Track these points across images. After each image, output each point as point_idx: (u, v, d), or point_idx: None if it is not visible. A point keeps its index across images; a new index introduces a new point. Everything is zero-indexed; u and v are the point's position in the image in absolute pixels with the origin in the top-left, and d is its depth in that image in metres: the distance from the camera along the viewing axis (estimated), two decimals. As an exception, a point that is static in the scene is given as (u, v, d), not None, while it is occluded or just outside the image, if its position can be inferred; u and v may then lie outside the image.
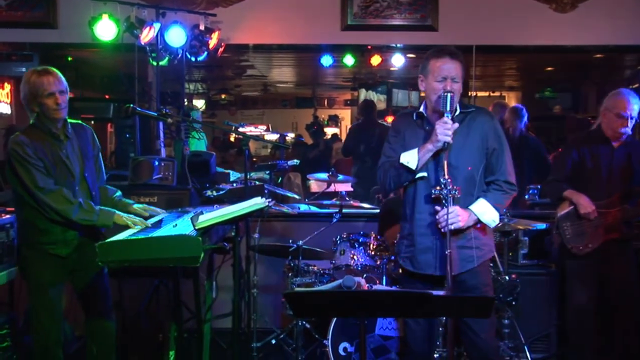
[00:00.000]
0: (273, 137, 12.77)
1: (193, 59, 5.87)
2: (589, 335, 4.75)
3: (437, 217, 3.49)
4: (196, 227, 3.52)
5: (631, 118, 4.60)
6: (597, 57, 8.29)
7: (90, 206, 3.90)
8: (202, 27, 5.75)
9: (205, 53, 5.84)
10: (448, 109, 3.44)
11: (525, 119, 6.61)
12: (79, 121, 4.21)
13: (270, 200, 4.27)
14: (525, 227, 4.99)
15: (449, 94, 3.44)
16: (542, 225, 5.07)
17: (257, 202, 3.70)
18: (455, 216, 3.45)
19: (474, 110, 3.67)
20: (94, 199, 4.07)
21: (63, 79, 4.00)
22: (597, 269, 4.71)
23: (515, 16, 6.15)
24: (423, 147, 3.52)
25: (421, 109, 3.68)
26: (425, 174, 3.58)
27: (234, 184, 5.48)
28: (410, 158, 3.54)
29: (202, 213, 3.80)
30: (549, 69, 10.49)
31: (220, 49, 5.97)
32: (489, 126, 3.66)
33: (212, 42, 5.79)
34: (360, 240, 4.88)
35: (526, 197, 6.01)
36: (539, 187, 5.78)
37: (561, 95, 11.83)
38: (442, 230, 3.46)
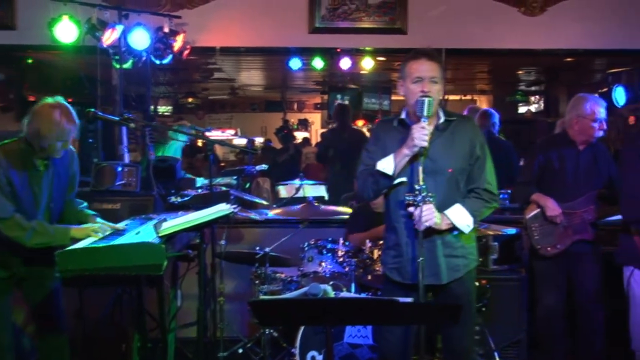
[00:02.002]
0: (242, 141, 12.73)
1: (158, 61, 5.84)
2: (558, 337, 4.83)
3: (412, 214, 3.49)
4: (159, 234, 3.50)
5: (605, 120, 4.74)
6: (568, 60, 8.41)
7: (44, 228, 3.82)
8: (166, 30, 5.73)
9: (170, 56, 5.82)
10: (425, 113, 3.43)
11: (496, 122, 6.68)
12: None
13: (235, 206, 4.25)
14: (495, 232, 5.03)
15: (426, 98, 3.43)
16: (512, 230, 5.12)
17: (221, 209, 3.69)
18: (430, 213, 3.44)
19: (457, 118, 3.68)
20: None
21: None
22: (565, 270, 4.81)
23: (485, 19, 6.22)
24: (399, 152, 3.51)
25: (402, 116, 3.67)
26: (404, 179, 3.57)
27: (199, 190, 5.46)
28: (386, 164, 3.53)
29: (165, 220, 3.77)
30: (520, 72, 10.63)
31: (186, 52, 5.95)
32: (475, 135, 3.67)
33: (177, 45, 5.77)
34: (328, 247, 4.87)
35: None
36: (509, 191, 5.85)
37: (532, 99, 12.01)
38: (417, 228, 3.46)
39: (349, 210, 5.62)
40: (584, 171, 4.80)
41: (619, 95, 6.99)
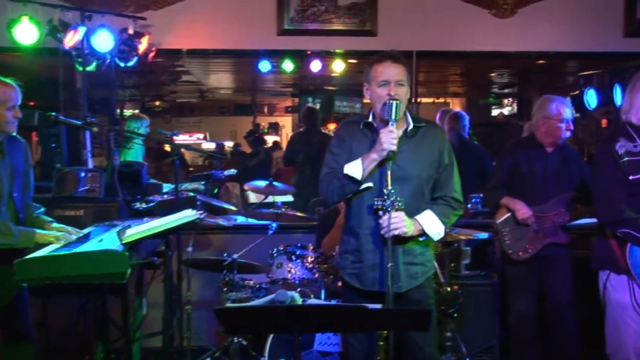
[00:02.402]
0: (211, 145, 12.71)
1: (122, 64, 5.80)
2: (530, 343, 4.88)
3: (380, 221, 3.49)
4: (123, 242, 3.48)
5: (571, 121, 4.83)
6: (540, 63, 8.50)
7: (9, 228, 3.77)
8: (131, 31, 5.69)
9: (136, 58, 5.77)
10: (393, 117, 3.44)
11: (467, 125, 6.72)
12: (14, 133, 4.10)
13: (201, 212, 4.24)
14: (467, 236, 5.07)
15: (394, 102, 3.45)
16: (484, 235, 5.17)
17: (187, 215, 3.67)
18: (399, 221, 3.45)
19: (425, 124, 3.70)
20: (21, 220, 3.96)
21: None
22: (536, 274, 4.86)
23: (455, 21, 6.26)
24: (367, 156, 3.51)
25: (370, 118, 3.67)
26: (371, 184, 3.57)
27: (165, 196, 5.43)
28: (354, 168, 3.53)
29: (129, 226, 3.75)
30: (493, 74, 10.73)
31: (151, 54, 5.91)
32: (443, 142, 3.70)
33: (142, 47, 5.73)
34: (297, 253, 4.88)
35: (468, 206, 6.12)
36: (481, 195, 5.90)
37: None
38: (384, 235, 3.46)
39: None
40: (553, 174, 4.86)
41: (591, 98, 7.10)
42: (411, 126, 3.63)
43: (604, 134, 9.98)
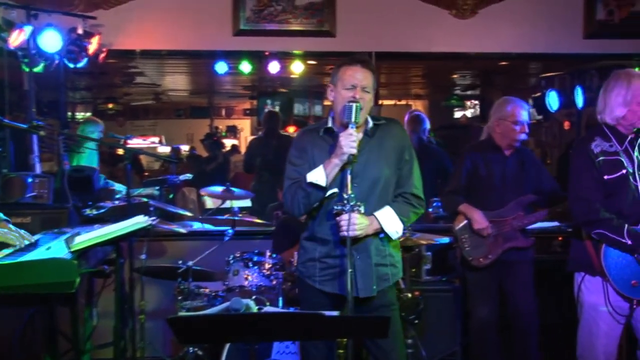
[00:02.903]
0: (166, 149, 12.62)
1: (72, 65, 5.73)
2: (492, 349, 4.93)
3: (337, 221, 3.51)
4: (71, 250, 3.44)
5: (527, 124, 4.89)
6: (502, 64, 8.62)
7: None
8: (80, 31, 5.62)
9: (86, 59, 5.71)
10: (353, 119, 3.46)
11: (427, 127, 6.77)
12: None
13: (154, 218, 4.22)
14: (428, 241, 5.12)
15: (354, 104, 3.46)
16: (445, 240, 5.22)
17: (138, 221, 3.65)
18: (354, 223, 3.46)
19: (385, 122, 3.73)
20: None
21: None
22: (497, 280, 4.92)
23: (415, 22, 6.30)
24: (329, 162, 3.52)
25: (329, 124, 3.69)
26: (335, 190, 3.59)
27: (117, 202, 5.39)
28: (317, 176, 3.53)
29: (79, 234, 3.71)
30: (455, 76, 10.83)
31: (102, 55, 5.85)
32: (403, 138, 3.73)
33: (92, 47, 5.67)
34: (254, 260, 4.87)
35: (430, 210, 6.17)
36: (443, 199, 5.96)
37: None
38: (342, 235, 3.47)
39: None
40: (512, 177, 4.93)
41: (552, 100, 7.19)
42: (370, 125, 3.66)
43: (566, 137, 10.19)
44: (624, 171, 3.82)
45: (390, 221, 3.63)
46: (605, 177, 3.82)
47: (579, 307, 4.04)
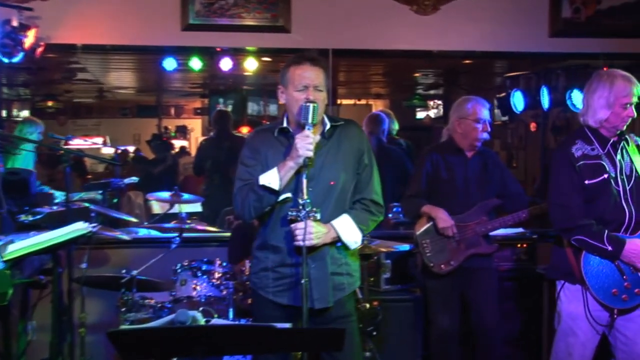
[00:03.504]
0: (110, 151, 12.48)
1: (6, 60, 5.64)
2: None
3: (292, 229, 3.50)
4: (4, 259, 3.40)
5: (489, 122, 4.96)
6: (466, 63, 8.70)
7: None
8: (15, 23, 5.54)
9: (22, 53, 5.63)
10: (310, 120, 3.46)
11: (386, 128, 6.80)
12: None
13: (95, 224, 4.18)
14: (387, 249, 5.16)
15: (311, 105, 3.47)
16: (405, 247, 5.26)
17: (77, 228, 3.63)
18: (310, 231, 3.46)
19: (343, 123, 3.74)
20: None
21: None
22: (459, 288, 4.97)
23: (375, 18, 6.33)
24: (283, 164, 3.52)
25: (284, 124, 3.69)
26: (289, 194, 3.59)
27: (55, 207, 5.32)
28: (271, 179, 3.53)
29: (12, 241, 3.66)
30: (417, 74, 10.90)
31: (39, 49, 5.77)
32: (362, 141, 3.74)
33: (29, 41, 5.58)
34: (203, 269, 4.86)
35: (389, 215, 6.21)
36: (403, 204, 6.00)
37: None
38: (297, 244, 3.47)
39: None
40: (474, 180, 4.99)
41: (517, 101, 7.27)
42: (328, 126, 3.66)
43: (532, 139, 10.34)
44: (606, 175, 3.90)
45: (348, 230, 3.64)
46: (586, 181, 3.89)
47: (557, 316, 4.11)
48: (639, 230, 3.91)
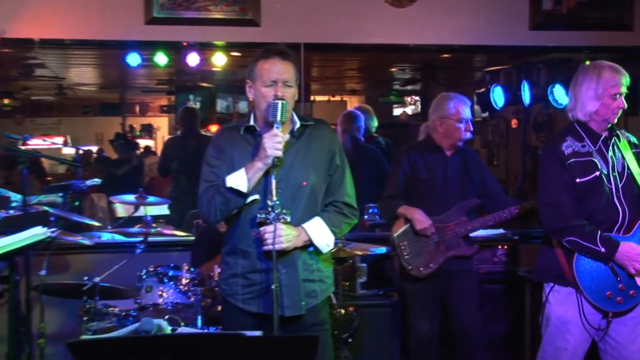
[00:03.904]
0: (72, 151, 12.39)
1: (-43, 55, 5.60)
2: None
3: (261, 233, 3.48)
4: (-44, 266, 3.36)
5: (471, 121, 5.00)
6: (444, 57, 8.74)
7: None
8: (-33, 17, 5.50)
9: (-26, 49, 5.59)
10: (279, 118, 3.45)
11: (362, 125, 6.81)
12: None
13: (54, 229, 4.14)
14: (363, 252, 5.16)
15: (280, 102, 3.45)
16: (382, 249, 5.28)
17: (36, 233, 3.59)
18: (280, 234, 3.45)
19: (313, 122, 3.73)
20: None
21: None
22: (438, 292, 4.99)
23: (349, 11, 6.33)
24: (251, 165, 3.50)
25: (251, 122, 3.67)
26: (257, 196, 3.57)
27: (12, 211, 5.27)
28: (238, 180, 3.50)
29: (-34, 248, 3.62)
30: (394, 69, 10.93)
31: (-6, 44, 5.73)
32: (333, 141, 3.74)
33: (-18, 36, 5.55)
34: (169, 274, 4.82)
35: (365, 217, 6.22)
36: (379, 205, 6.01)
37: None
38: (267, 249, 3.46)
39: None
40: (454, 179, 5.01)
41: (497, 96, 7.32)
42: (297, 125, 3.65)
43: (514, 136, 10.40)
44: (597, 173, 3.91)
45: (320, 233, 3.63)
46: (577, 180, 3.90)
47: (544, 319, 4.11)
48: (633, 230, 3.92)
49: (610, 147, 3.98)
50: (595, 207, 3.91)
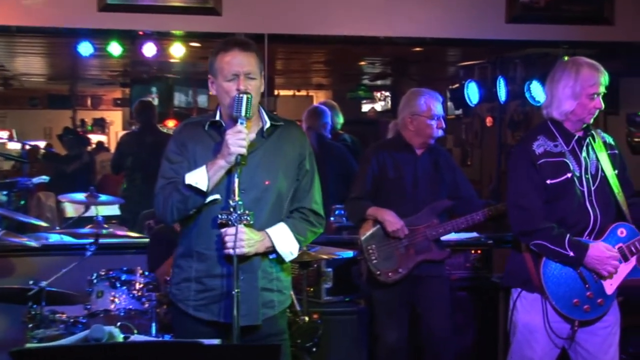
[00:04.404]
0: (17, 146, 12.27)
1: None
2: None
3: (222, 235, 3.47)
4: None
5: (443, 117, 5.05)
6: (417, 51, 8.79)
7: None
8: None
9: None
10: (243, 113, 3.42)
11: (328, 122, 6.81)
12: None
13: (-2, 230, 4.11)
14: (329, 256, 5.17)
15: (244, 96, 3.44)
16: (349, 254, 5.30)
17: (-23, 234, 3.55)
18: (241, 238, 3.43)
19: (284, 124, 3.73)
20: None
21: None
22: (408, 299, 5.02)
23: (316, 0, 6.36)
24: (213, 163, 3.48)
25: (216, 117, 3.65)
26: (218, 196, 3.55)
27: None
28: (198, 178, 3.47)
29: None
30: (363, 63, 10.96)
31: None
32: (303, 145, 3.72)
33: None
34: (122, 279, 4.80)
35: (331, 219, 6.23)
36: (347, 207, 6.02)
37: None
38: (227, 252, 3.45)
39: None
40: (424, 179, 5.04)
41: (472, 92, 7.38)
42: (268, 125, 3.64)
43: (489, 135, 10.48)
44: (569, 175, 3.93)
45: (284, 240, 3.61)
46: (548, 181, 3.92)
47: (512, 326, 4.14)
48: (604, 235, 3.95)
49: (584, 148, 4.00)
50: (566, 210, 3.94)
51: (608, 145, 4.09)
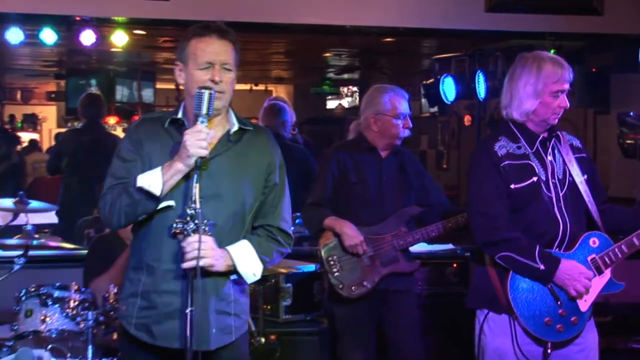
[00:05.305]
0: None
1: None
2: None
3: (182, 244, 3.44)
4: None
5: (409, 116, 5.08)
6: (387, 41, 8.83)
7: None
8: None
9: None
10: (204, 111, 3.38)
11: (288, 120, 6.82)
12: None
13: None
14: (288, 269, 5.18)
15: (206, 91, 3.40)
16: (310, 267, 5.31)
17: None
18: (208, 248, 3.39)
19: (253, 129, 3.71)
20: None
21: None
22: (374, 316, 5.03)
23: (276, -16, 6.39)
24: (170, 165, 3.43)
25: (179, 114, 3.61)
26: (172, 202, 3.52)
27: None
28: (152, 180, 3.43)
29: None
30: (328, 54, 10.99)
31: None
32: (274, 155, 3.69)
33: None
34: (55, 295, 4.76)
35: (292, 229, 6.22)
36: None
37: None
38: (188, 265, 3.42)
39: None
40: (390, 184, 5.06)
41: (448, 88, 7.43)
42: (235, 127, 3.62)
43: (467, 135, 10.57)
44: (535, 179, 3.92)
45: (247, 260, 3.57)
46: (512, 186, 3.91)
47: (480, 352, 4.11)
48: (575, 246, 3.97)
49: (550, 150, 4.01)
50: (533, 219, 3.93)
51: (575, 149, 4.10)
